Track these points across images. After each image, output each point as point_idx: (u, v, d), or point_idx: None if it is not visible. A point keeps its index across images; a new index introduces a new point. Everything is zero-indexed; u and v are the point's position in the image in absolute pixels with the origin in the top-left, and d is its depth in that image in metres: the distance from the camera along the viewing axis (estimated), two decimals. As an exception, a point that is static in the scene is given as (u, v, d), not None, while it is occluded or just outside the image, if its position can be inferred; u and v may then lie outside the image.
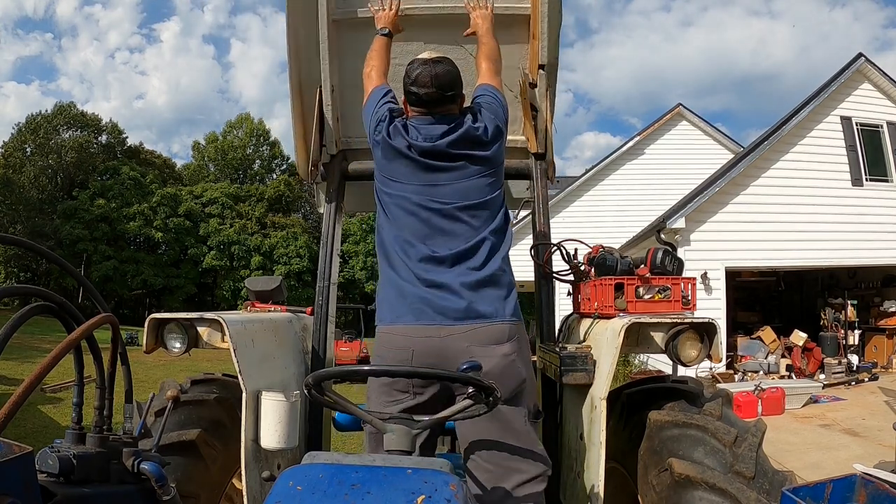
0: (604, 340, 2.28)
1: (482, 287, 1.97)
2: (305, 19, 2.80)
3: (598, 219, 17.57)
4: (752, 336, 12.52)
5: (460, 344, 1.89)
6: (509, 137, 2.87)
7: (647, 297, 2.46)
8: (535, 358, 2.98)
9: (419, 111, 2.18)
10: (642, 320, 2.25)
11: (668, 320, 2.30)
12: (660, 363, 11.85)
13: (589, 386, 2.29)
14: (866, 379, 10.94)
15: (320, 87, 2.90)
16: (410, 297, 1.97)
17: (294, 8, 2.79)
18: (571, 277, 2.92)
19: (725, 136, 19.16)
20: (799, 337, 12.18)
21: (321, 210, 3.22)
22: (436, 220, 2.04)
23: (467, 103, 2.30)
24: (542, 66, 2.81)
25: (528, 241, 3.13)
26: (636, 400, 2.38)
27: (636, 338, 2.34)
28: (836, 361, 11.66)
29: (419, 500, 1.17)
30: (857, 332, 12.59)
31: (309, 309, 3.00)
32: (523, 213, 3.38)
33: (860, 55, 12.10)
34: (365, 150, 2.68)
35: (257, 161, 50.59)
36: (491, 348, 1.91)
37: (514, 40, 2.90)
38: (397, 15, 2.64)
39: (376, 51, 2.51)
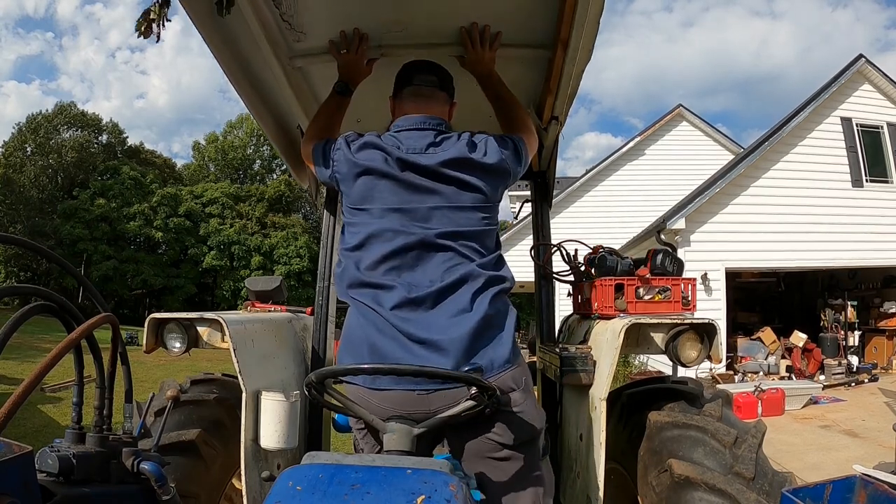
0: (604, 341, 2.28)
1: (475, 333, 1.63)
2: (258, 71, 2.34)
3: (598, 219, 17.59)
4: (752, 337, 12.52)
5: (455, 400, 1.58)
6: None
7: (647, 297, 2.46)
8: (535, 359, 2.98)
9: (411, 94, 1.94)
10: (642, 321, 2.25)
11: (668, 321, 2.30)
12: (660, 364, 11.84)
13: (589, 386, 2.29)
14: (866, 380, 10.95)
15: (299, 126, 2.62)
16: (386, 357, 1.63)
17: (236, 73, 2.27)
18: (571, 278, 2.92)
19: (725, 136, 19.22)
20: (799, 338, 12.19)
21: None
22: (416, 249, 1.71)
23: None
24: (555, 118, 2.47)
25: (529, 241, 3.14)
26: (636, 400, 2.38)
27: (636, 338, 2.34)
28: (836, 362, 11.66)
29: (419, 500, 1.17)
30: (857, 332, 12.60)
31: (309, 309, 3.00)
32: (523, 213, 3.39)
33: (860, 56, 12.13)
34: None
35: (257, 161, 50.63)
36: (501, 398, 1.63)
37: (527, 81, 2.46)
38: (364, 59, 2.19)
39: (326, 113, 2.14)
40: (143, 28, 1.64)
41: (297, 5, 2.07)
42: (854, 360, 12.05)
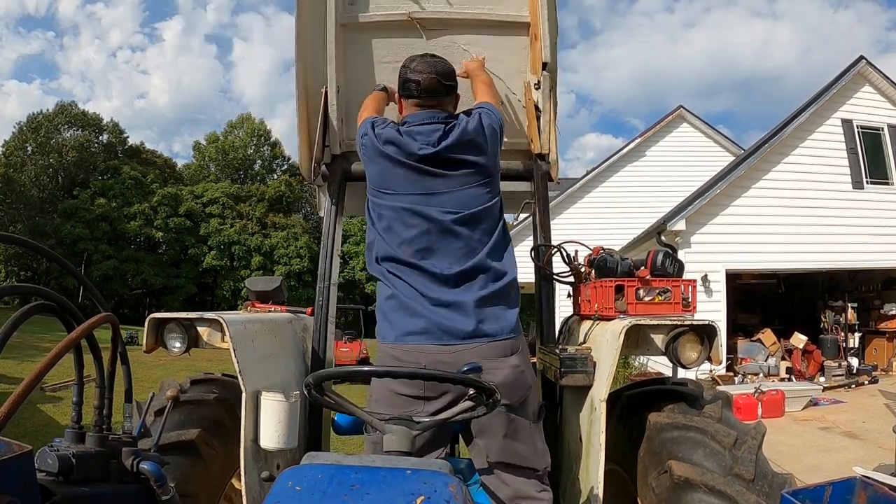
0: (604, 342, 2.28)
1: (488, 305, 1.99)
2: (314, 22, 2.82)
3: (598, 220, 17.57)
4: (752, 338, 12.50)
5: (470, 359, 1.89)
6: (513, 140, 2.90)
7: (647, 298, 2.46)
8: (535, 359, 2.98)
9: (415, 104, 2.20)
10: (642, 322, 2.25)
11: (669, 322, 2.30)
12: (659, 365, 11.84)
13: (589, 388, 2.29)
14: (866, 382, 10.93)
15: (325, 88, 2.91)
16: (417, 317, 1.97)
17: (304, 11, 2.81)
18: (572, 279, 2.92)
19: (726, 138, 19.19)
20: (799, 339, 12.16)
21: (322, 213, 3.24)
22: (435, 233, 2.03)
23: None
24: (545, 66, 2.82)
25: (529, 242, 3.13)
26: (636, 402, 2.38)
27: (636, 340, 2.34)
28: (836, 364, 11.64)
29: (418, 500, 1.17)
30: (857, 334, 12.58)
31: (309, 309, 3.00)
32: (524, 214, 3.39)
33: (861, 58, 12.12)
34: None
35: (258, 161, 50.56)
36: (501, 360, 1.97)
37: (516, 47, 2.93)
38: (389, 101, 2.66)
39: (372, 100, 2.54)
40: None
41: None
42: (854, 361, 12.02)
